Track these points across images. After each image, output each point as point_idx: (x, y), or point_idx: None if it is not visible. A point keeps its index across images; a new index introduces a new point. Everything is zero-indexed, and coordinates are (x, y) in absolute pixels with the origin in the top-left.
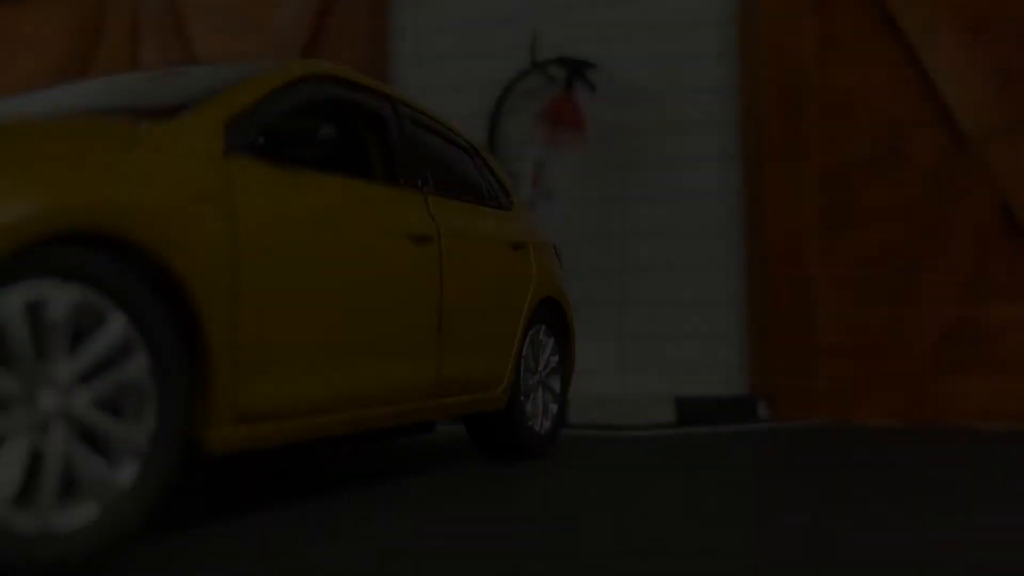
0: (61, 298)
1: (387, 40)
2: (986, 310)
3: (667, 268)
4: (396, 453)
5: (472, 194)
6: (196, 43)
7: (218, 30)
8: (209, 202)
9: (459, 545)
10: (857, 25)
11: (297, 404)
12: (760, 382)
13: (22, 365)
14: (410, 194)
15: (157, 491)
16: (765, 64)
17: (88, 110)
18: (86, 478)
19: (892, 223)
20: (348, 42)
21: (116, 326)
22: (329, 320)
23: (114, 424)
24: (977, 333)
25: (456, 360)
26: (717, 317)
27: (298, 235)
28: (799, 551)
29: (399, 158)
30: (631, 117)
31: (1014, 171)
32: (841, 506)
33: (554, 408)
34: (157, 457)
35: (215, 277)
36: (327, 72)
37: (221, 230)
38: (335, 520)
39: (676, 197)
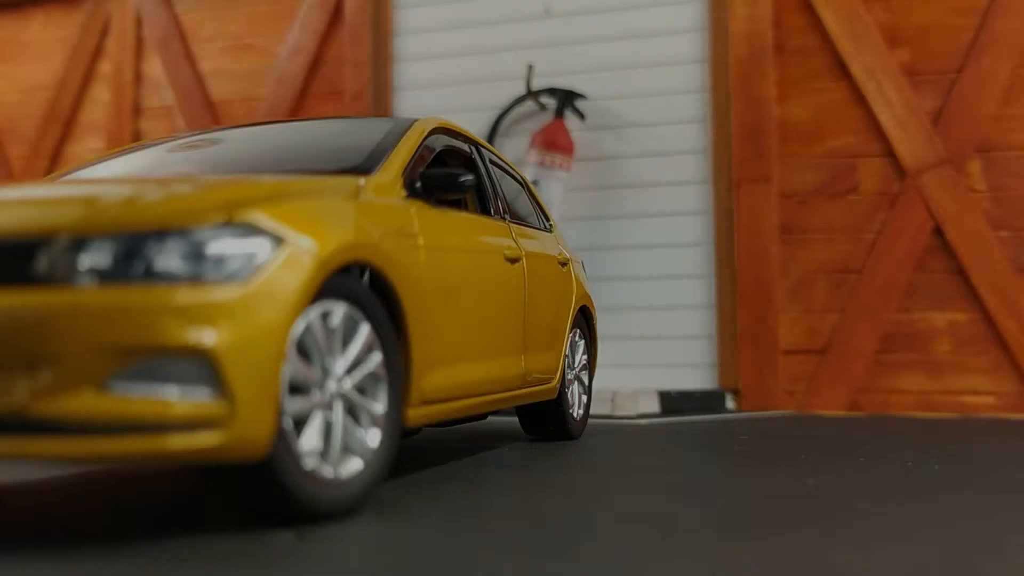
0: (338, 311)
1: (389, 65)
2: (920, 316)
3: (650, 278)
4: (461, 435)
5: (528, 219)
6: (201, 62)
7: (223, 51)
8: (406, 236)
9: (562, 482)
10: (812, 69)
11: (454, 391)
12: (728, 378)
13: (319, 360)
14: (499, 223)
15: (392, 452)
16: (733, 100)
17: (284, 167)
18: (353, 441)
19: (841, 241)
20: (352, 67)
21: (366, 332)
22: (469, 326)
23: (366, 403)
24: (912, 336)
25: (532, 357)
26: (693, 321)
27: (451, 260)
28: (732, 481)
29: (487, 193)
30: (616, 144)
31: (943, 199)
32: (765, 466)
33: (584, 399)
34: (390, 427)
35: (415, 295)
36: (439, 124)
37: (414, 258)
38: (483, 475)
39: (657, 215)
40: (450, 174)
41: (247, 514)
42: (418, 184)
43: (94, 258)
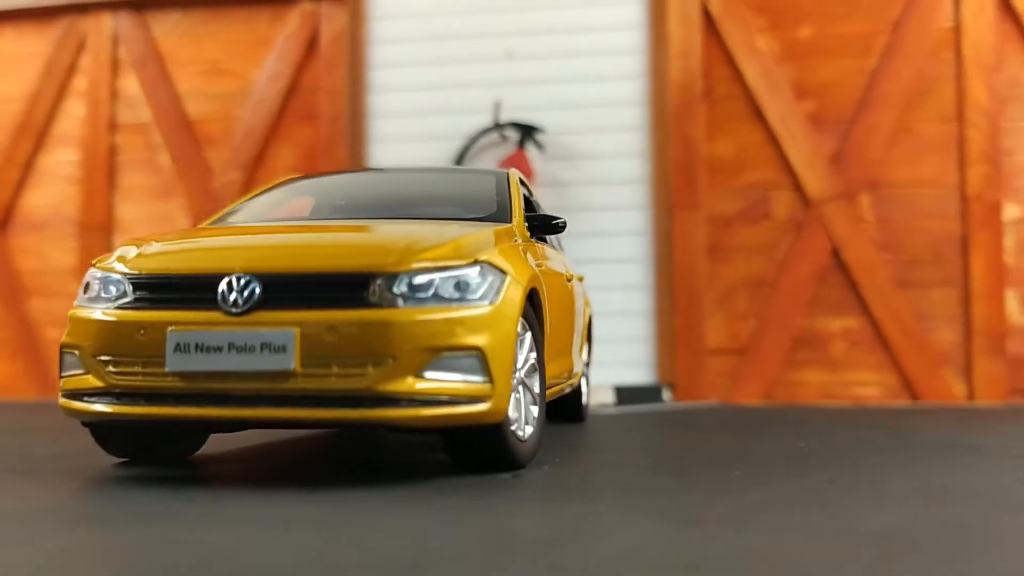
0: (520, 322)
1: (364, 95)
2: (820, 322)
3: (599, 288)
4: None
5: (552, 243)
6: (178, 82)
7: (199, 73)
8: (540, 265)
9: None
10: (734, 114)
11: (551, 380)
12: (665, 374)
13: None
14: (553, 249)
15: (543, 421)
16: (670, 137)
17: (434, 214)
18: (527, 413)
19: (757, 258)
20: (328, 95)
21: (529, 336)
22: (559, 331)
23: (531, 385)
24: (814, 339)
25: (576, 357)
26: (635, 325)
27: (554, 282)
28: (665, 452)
29: (538, 224)
30: (570, 173)
31: (840, 226)
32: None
33: (585, 390)
34: (542, 403)
35: (546, 309)
36: (518, 175)
37: (543, 282)
38: (579, 439)
39: (604, 235)
40: (548, 218)
41: (462, 468)
42: (526, 225)
43: (401, 288)
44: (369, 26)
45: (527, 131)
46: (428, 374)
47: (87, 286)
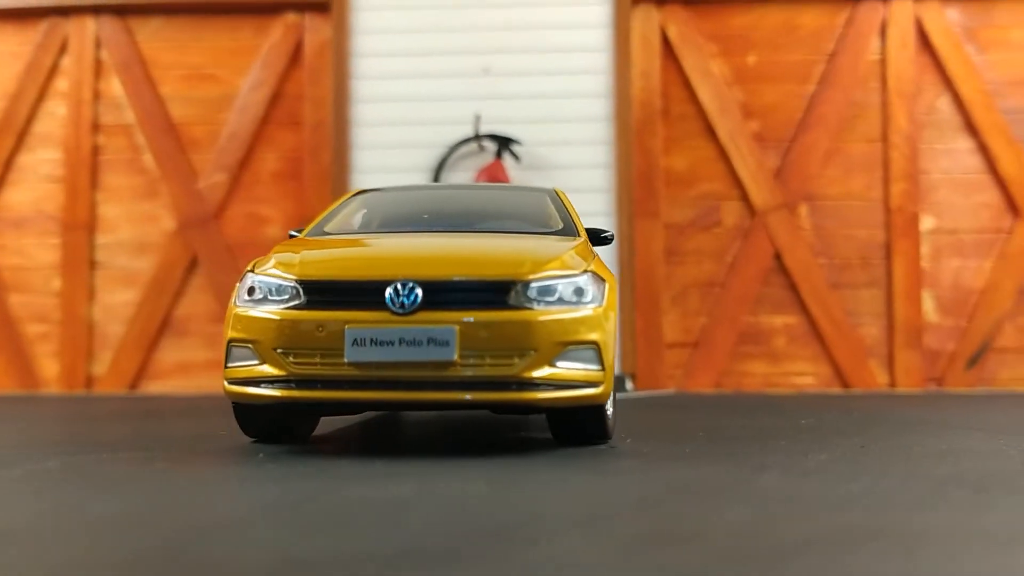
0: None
1: (348, 104)
2: (764, 319)
3: None
4: None
5: None
6: (161, 86)
7: (182, 78)
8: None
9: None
10: (689, 131)
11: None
12: (628, 365)
13: None
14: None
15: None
16: (632, 151)
17: (508, 228)
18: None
19: (708, 262)
20: (312, 103)
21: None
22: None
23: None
24: (759, 334)
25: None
26: None
27: (613, 285)
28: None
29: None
30: (541, 181)
31: (781, 233)
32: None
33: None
34: (617, 388)
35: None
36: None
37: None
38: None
39: None
40: (598, 231)
41: (563, 442)
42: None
43: (534, 293)
44: (353, 39)
45: (504, 142)
46: (559, 363)
47: (251, 289)
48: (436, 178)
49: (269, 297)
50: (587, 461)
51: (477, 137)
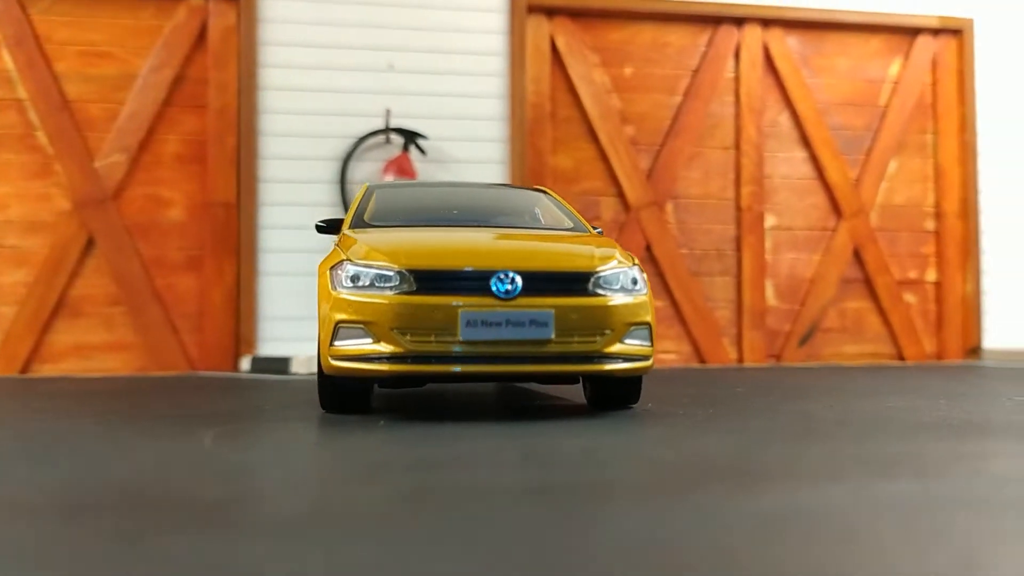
0: None
1: (255, 90)
2: None
3: None
4: None
5: None
6: (56, 62)
7: (79, 55)
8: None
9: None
10: (573, 134)
11: None
12: None
13: None
14: None
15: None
16: (525, 149)
17: (527, 225)
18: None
19: None
20: (217, 87)
21: None
22: None
23: None
24: None
25: None
26: None
27: None
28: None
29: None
30: (444, 175)
31: (652, 227)
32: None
33: None
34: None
35: None
36: None
37: None
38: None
39: None
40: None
41: (599, 407)
42: None
43: (604, 282)
44: (260, 27)
45: (411, 136)
46: (626, 340)
47: (355, 277)
48: (344, 168)
49: (376, 284)
50: (626, 423)
51: (386, 130)
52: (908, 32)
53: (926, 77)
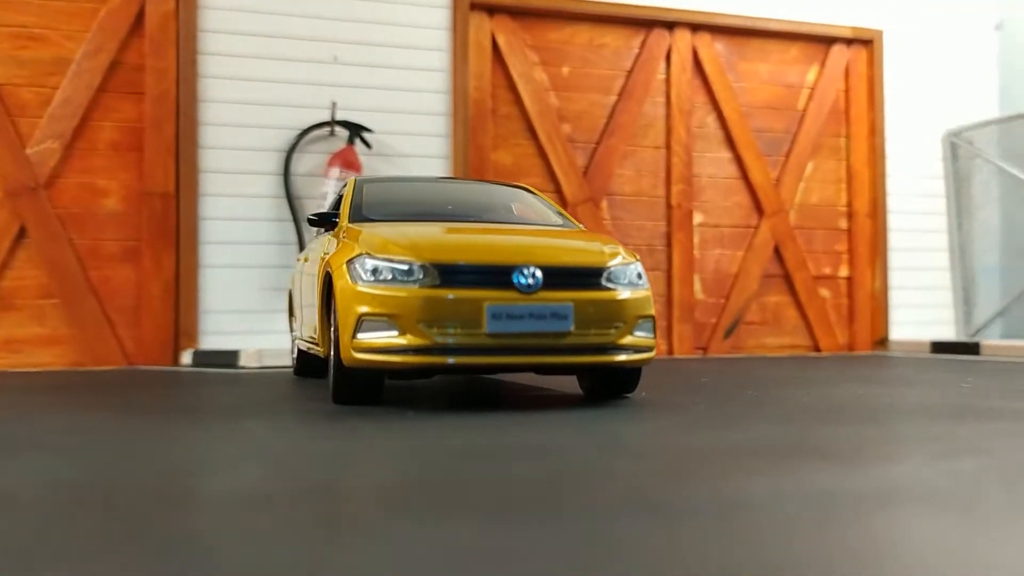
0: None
1: (196, 78)
2: None
3: None
4: None
5: None
6: None
7: (8, 36)
8: None
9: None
10: (514, 130)
11: None
12: None
13: None
14: None
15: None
16: (467, 145)
17: (515, 220)
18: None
19: None
20: (154, 74)
21: None
22: None
23: None
24: None
25: None
26: None
27: None
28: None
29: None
30: (388, 168)
31: (588, 223)
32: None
33: None
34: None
35: None
36: None
37: None
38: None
39: None
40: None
41: (594, 396)
42: None
43: (616, 276)
44: (200, 13)
45: (356, 130)
46: (636, 333)
47: (376, 270)
48: (287, 160)
49: (399, 277)
50: (626, 411)
51: (331, 123)
52: (824, 41)
53: (840, 84)
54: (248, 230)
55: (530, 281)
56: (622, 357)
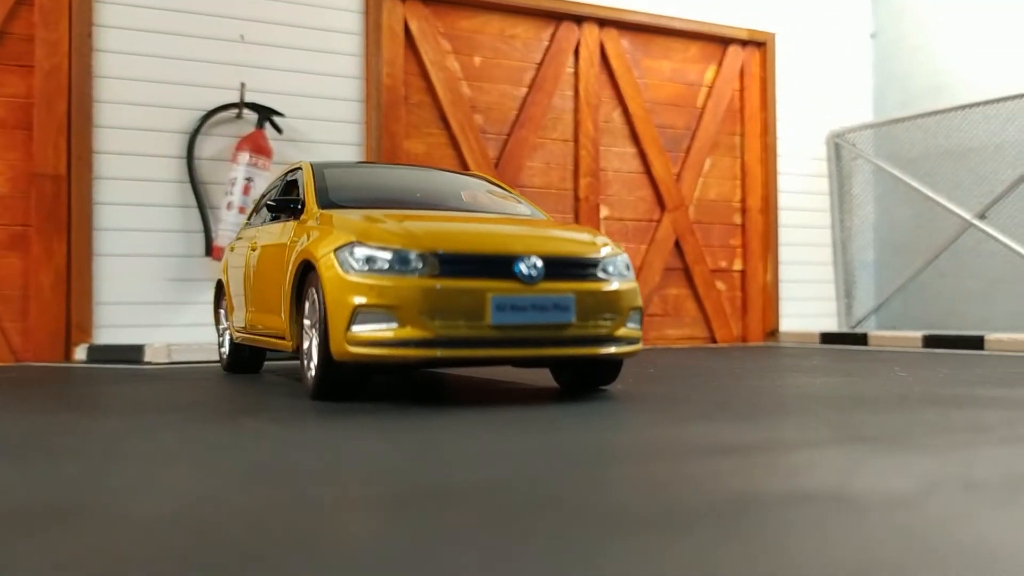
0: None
1: (90, 53)
2: None
3: None
4: None
5: None
6: None
7: None
8: None
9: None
10: (426, 119)
11: None
12: None
13: None
14: None
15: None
16: (380, 133)
17: (488, 210)
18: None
19: None
20: (44, 46)
21: None
22: None
23: None
24: None
25: None
26: None
27: None
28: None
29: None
30: (297, 155)
31: None
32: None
33: None
34: None
35: None
36: None
37: None
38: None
39: None
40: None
41: (573, 389)
42: None
43: (608, 268)
44: None
45: (266, 113)
46: (628, 324)
47: (370, 259)
48: (191, 142)
49: (396, 267)
50: (612, 404)
51: (239, 104)
52: (721, 42)
53: (735, 84)
54: (148, 216)
55: (532, 272)
56: (616, 349)
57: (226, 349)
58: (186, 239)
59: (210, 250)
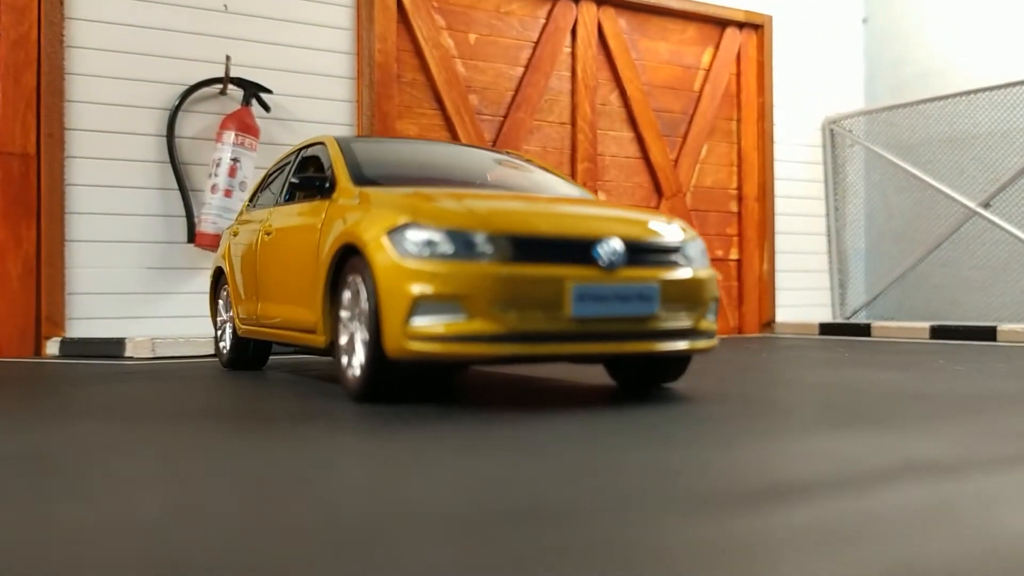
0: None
1: (61, 21)
2: None
3: None
4: None
5: None
6: None
7: None
8: None
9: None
10: (420, 99)
11: None
12: None
13: None
14: None
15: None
16: (372, 112)
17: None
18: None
19: None
20: (11, 13)
21: None
22: None
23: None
24: None
25: None
26: None
27: None
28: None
29: None
30: (287, 135)
31: None
32: None
33: None
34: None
35: None
36: None
37: None
38: None
39: None
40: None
41: (637, 386)
42: None
43: (689, 254)
44: None
45: (253, 89)
46: (708, 316)
47: (430, 242)
48: (172, 119)
49: (462, 251)
50: (686, 405)
51: (223, 79)
52: (718, 23)
53: (732, 67)
54: (125, 199)
55: (613, 257)
56: (699, 343)
57: (227, 343)
58: (166, 224)
59: (193, 236)
